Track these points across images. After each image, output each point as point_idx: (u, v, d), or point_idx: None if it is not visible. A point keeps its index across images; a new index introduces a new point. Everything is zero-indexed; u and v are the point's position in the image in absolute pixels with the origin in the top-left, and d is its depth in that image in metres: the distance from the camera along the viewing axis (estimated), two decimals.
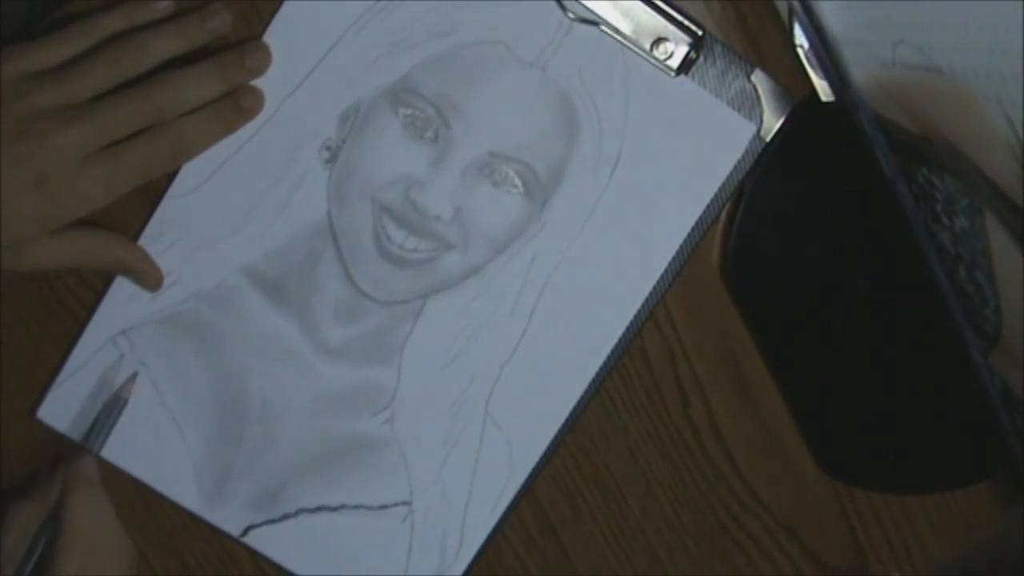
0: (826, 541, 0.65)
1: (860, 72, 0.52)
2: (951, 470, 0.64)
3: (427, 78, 0.58)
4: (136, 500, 0.63)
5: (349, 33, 0.58)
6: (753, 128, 0.59)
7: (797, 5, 0.53)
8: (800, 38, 0.56)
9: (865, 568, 0.65)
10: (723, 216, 0.61)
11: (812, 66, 0.55)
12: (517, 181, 0.59)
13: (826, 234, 0.61)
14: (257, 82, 0.58)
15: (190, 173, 0.59)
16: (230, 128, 0.58)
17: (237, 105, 0.57)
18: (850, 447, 0.64)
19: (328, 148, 0.59)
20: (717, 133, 0.59)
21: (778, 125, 0.59)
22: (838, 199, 0.61)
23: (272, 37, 0.58)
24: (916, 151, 0.51)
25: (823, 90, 0.55)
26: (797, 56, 0.57)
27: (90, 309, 0.60)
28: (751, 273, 0.61)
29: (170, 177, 0.59)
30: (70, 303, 0.61)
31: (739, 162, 0.59)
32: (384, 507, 0.62)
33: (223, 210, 0.59)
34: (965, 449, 0.64)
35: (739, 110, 0.59)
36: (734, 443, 0.63)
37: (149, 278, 0.59)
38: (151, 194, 0.59)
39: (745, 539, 0.64)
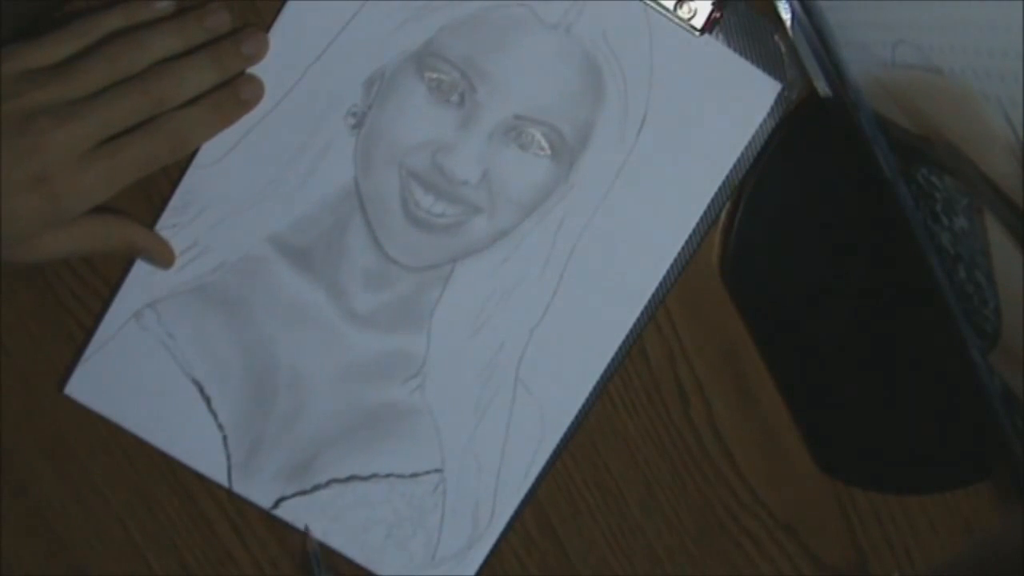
0: (826, 541, 0.65)
1: (860, 72, 0.52)
2: (951, 470, 0.64)
3: (452, 42, 0.58)
4: (136, 500, 0.63)
5: None
6: (779, 86, 0.58)
7: (797, 5, 0.53)
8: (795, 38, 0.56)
9: (865, 568, 0.65)
10: (723, 216, 0.60)
11: (812, 66, 0.55)
12: (544, 143, 0.59)
13: (826, 234, 0.61)
14: (281, 48, 0.58)
15: (215, 143, 0.58)
16: (229, 119, 0.58)
17: (236, 96, 0.57)
18: (850, 447, 0.64)
19: (354, 114, 0.59)
20: (743, 91, 0.58)
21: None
22: (838, 199, 0.61)
23: (295, 3, 0.57)
24: (916, 151, 0.51)
25: (823, 90, 0.55)
26: (797, 56, 0.57)
27: (104, 299, 0.60)
28: (751, 273, 0.61)
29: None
30: (70, 303, 0.61)
31: (765, 120, 0.59)
32: (415, 475, 0.62)
33: (249, 179, 0.59)
34: (965, 449, 0.64)
35: (764, 68, 0.58)
36: (734, 443, 0.63)
37: (162, 256, 0.59)
38: (151, 194, 0.59)
39: (745, 539, 0.64)
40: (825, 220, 0.61)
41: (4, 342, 0.61)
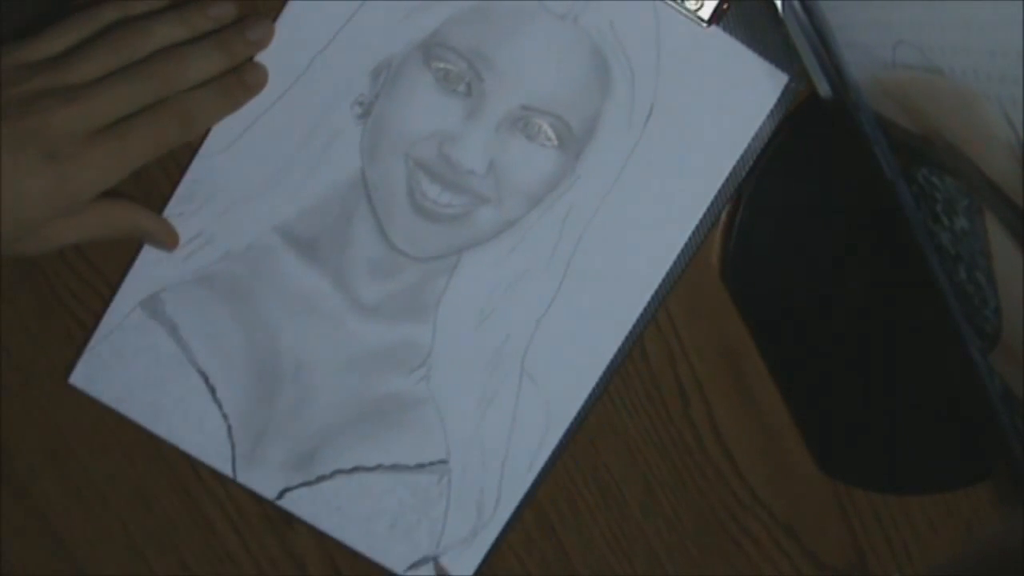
0: (826, 541, 0.65)
1: (860, 72, 0.52)
2: (951, 470, 0.64)
3: (459, 32, 0.58)
4: (136, 500, 0.63)
5: None
6: (786, 78, 0.58)
7: (797, 5, 0.53)
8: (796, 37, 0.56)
9: (865, 568, 0.65)
10: (723, 216, 0.61)
11: (812, 66, 0.55)
12: (551, 134, 0.59)
13: (826, 234, 0.61)
14: (287, 38, 0.58)
15: (221, 132, 0.58)
16: (236, 103, 0.58)
17: (241, 80, 0.57)
18: (850, 447, 0.64)
19: (361, 104, 0.59)
20: (750, 83, 0.58)
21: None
22: (838, 199, 0.61)
23: None
24: (916, 151, 0.51)
25: (823, 90, 0.55)
26: (796, 55, 0.57)
27: (104, 297, 0.60)
28: (751, 273, 0.61)
29: (201, 136, 0.58)
30: (70, 303, 0.61)
31: (772, 111, 0.59)
32: (421, 466, 0.62)
33: (255, 169, 0.59)
34: (965, 449, 0.64)
35: (771, 60, 0.58)
36: (734, 443, 0.63)
37: (167, 238, 0.59)
38: (151, 194, 0.59)
39: (745, 539, 0.64)
40: (825, 220, 0.61)
41: (4, 342, 0.61)
